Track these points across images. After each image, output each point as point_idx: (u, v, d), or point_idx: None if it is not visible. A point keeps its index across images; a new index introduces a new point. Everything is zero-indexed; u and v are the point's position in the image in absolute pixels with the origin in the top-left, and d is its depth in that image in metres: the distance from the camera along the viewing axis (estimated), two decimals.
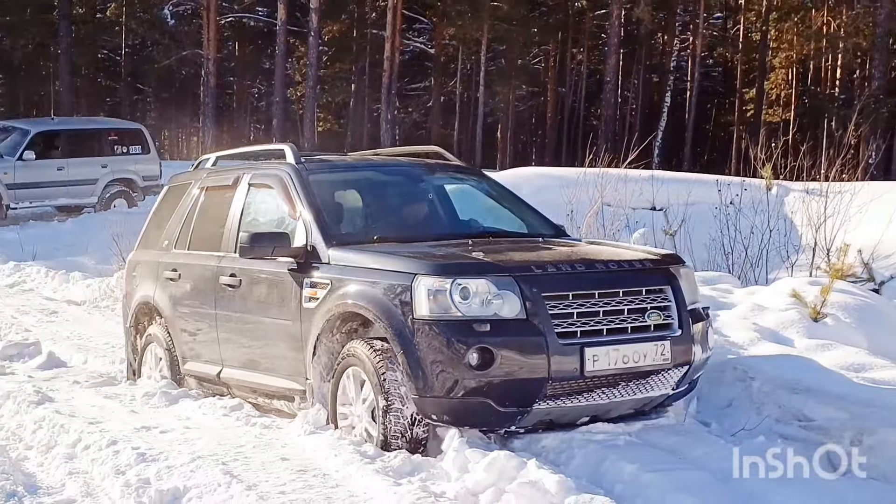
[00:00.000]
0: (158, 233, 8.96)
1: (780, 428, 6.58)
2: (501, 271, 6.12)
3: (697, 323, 6.52)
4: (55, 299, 14.62)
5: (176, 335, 8.40)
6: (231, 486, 5.68)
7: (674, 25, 44.21)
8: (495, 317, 5.97)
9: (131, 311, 9.06)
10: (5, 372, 9.58)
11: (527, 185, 16.42)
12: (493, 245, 7.02)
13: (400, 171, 8.25)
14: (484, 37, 39.34)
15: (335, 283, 6.64)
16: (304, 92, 37.89)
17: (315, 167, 7.70)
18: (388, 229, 7.30)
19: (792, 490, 5.52)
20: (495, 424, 6.13)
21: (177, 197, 8.91)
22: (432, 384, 5.99)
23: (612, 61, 37.33)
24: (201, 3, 36.75)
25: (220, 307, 7.77)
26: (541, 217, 8.11)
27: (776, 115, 43.04)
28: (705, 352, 6.63)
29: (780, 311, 8.68)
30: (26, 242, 19.34)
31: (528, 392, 5.98)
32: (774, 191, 14.49)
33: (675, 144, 43.43)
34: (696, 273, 10.94)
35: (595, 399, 6.12)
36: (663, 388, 6.35)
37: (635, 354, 6.15)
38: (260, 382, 7.45)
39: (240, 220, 7.80)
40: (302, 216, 7.15)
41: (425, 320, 6.01)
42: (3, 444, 7.06)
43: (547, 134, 46.54)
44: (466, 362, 5.90)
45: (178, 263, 8.41)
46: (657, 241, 13.60)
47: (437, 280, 6.03)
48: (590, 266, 6.41)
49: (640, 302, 6.29)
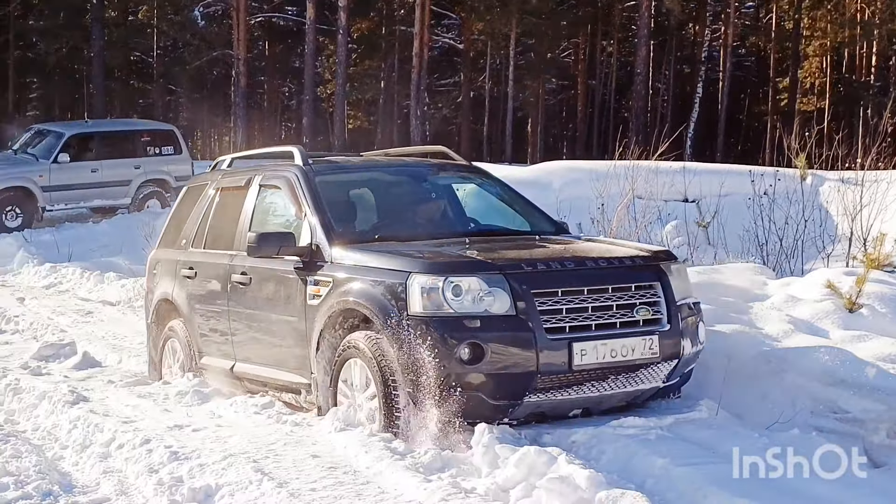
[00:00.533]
0: (177, 232, 9.20)
1: (815, 420, 6.53)
2: (492, 269, 6.33)
3: (687, 318, 6.69)
4: (90, 300, 14.73)
5: (192, 331, 8.64)
6: (262, 483, 5.70)
7: (705, 15, 43.92)
8: (486, 313, 6.18)
9: (152, 308, 9.31)
10: (41, 372, 9.64)
11: (557, 179, 16.41)
12: (489, 243, 7.18)
13: (404, 172, 8.50)
14: (513, 31, 39.27)
15: (337, 281, 6.87)
16: (333, 90, 37.96)
17: (321, 168, 7.96)
18: (390, 228, 7.54)
19: (829, 486, 5.47)
20: (487, 417, 6.25)
21: (194, 197, 9.17)
22: (426, 378, 6.17)
23: (642, 53, 37.14)
24: (231, 3, 36.89)
25: (233, 304, 8.03)
26: (543, 214, 8.32)
27: (810, 104, 42.68)
28: (695, 345, 6.77)
29: (814, 302, 8.59)
30: (62, 244, 19.50)
31: (518, 385, 6.20)
32: (809, 180, 14.38)
33: (708, 135, 43.18)
34: (729, 265, 10.93)
35: (585, 392, 6.33)
36: (653, 381, 6.53)
37: (623, 349, 6.34)
38: (269, 376, 7.70)
39: (251, 220, 8.04)
40: (307, 216, 7.39)
41: (419, 316, 6.23)
42: (40, 444, 7.13)
43: (577, 127, 46.40)
44: (458, 357, 6.11)
45: (194, 262, 8.67)
46: (690, 233, 13.53)
47: (430, 278, 6.26)
48: (579, 263, 6.63)
49: (630, 298, 6.48)
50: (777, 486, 5.45)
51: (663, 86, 46.13)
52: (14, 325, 12.57)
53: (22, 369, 9.72)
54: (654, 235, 13.43)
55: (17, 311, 13.30)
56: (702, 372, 7.58)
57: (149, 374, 9.40)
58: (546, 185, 16.22)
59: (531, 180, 16.74)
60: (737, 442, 5.91)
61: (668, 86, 45.92)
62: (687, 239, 13.46)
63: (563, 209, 14.03)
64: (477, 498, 5.37)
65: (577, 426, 6.28)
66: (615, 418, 6.33)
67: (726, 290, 9.30)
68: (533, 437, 6.25)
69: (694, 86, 41.46)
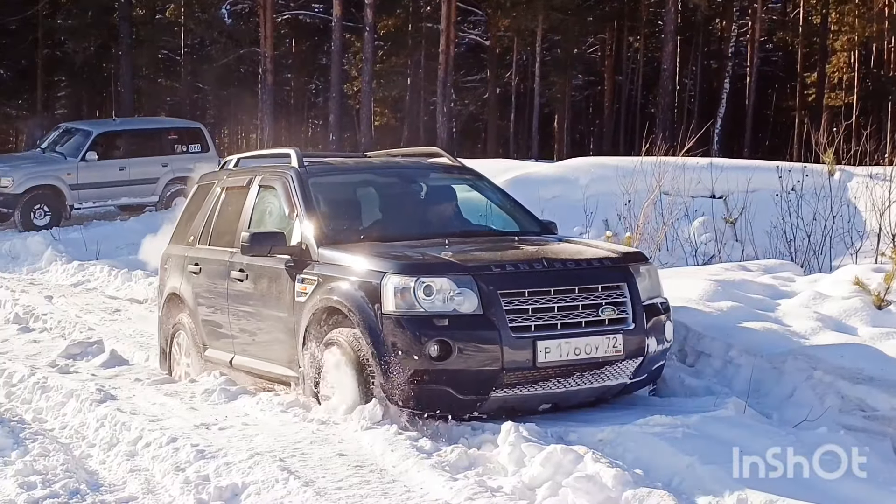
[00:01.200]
0: (187, 228, 9.56)
1: (843, 418, 6.48)
2: (462, 270, 6.67)
3: (654, 317, 6.97)
4: (118, 298, 14.80)
5: (197, 324, 8.99)
6: (288, 482, 5.71)
7: (732, 11, 43.61)
8: (454, 312, 6.53)
9: (163, 301, 9.67)
10: (69, 370, 9.70)
11: (584, 176, 16.35)
12: (467, 244, 7.51)
13: (396, 174, 8.84)
14: (539, 27, 39.11)
15: (321, 279, 7.23)
16: (360, 87, 37.95)
17: (316, 170, 8.30)
18: (375, 229, 7.91)
19: (857, 484, 5.42)
20: (456, 410, 6.61)
21: (203, 195, 9.52)
22: (398, 373, 6.54)
23: (669, 48, 36.92)
24: (258, 1, 36.93)
25: (232, 299, 8.40)
26: (530, 215, 8.63)
27: (838, 99, 42.33)
28: (661, 344, 7.03)
29: (842, 298, 8.52)
30: (90, 242, 19.62)
31: (484, 381, 6.51)
32: (837, 176, 14.29)
33: (735, 131, 42.89)
34: (757, 261, 10.87)
35: (552, 388, 6.65)
36: (620, 377, 6.84)
37: (587, 347, 6.63)
38: (263, 369, 8.09)
39: (250, 220, 8.41)
40: (298, 216, 7.75)
41: (392, 315, 6.59)
42: (67, 443, 7.18)
43: (604, 123, 46.21)
44: (427, 354, 6.46)
45: (199, 258, 9.03)
46: (717, 230, 13.48)
47: (403, 278, 6.61)
48: (548, 265, 6.91)
49: (595, 298, 6.78)
50: (803, 484, 5.42)
51: (690, 81, 45.88)
52: (42, 324, 12.65)
53: (50, 367, 9.79)
54: (681, 232, 13.40)
55: (46, 310, 13.38)
56: (730, 370, 7.56)
57: (160, 365, 9.73)
58: (572, 182, 16.17)
59: (557, 177, 16.71)
60: (764, 440, 5.87)
61: (695, 81, 45.66)
62: (714, 235, 13.42)
63: (589, 205, 14.04)
64: (503, 496, 5.36)
65: (603, 424, 6.27)
66: (641, 416, 6.31)
67: (754, 286, 9.26)
68: (559, 435, 6.25)
69: (721, 81, 41.17)
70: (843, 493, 5.35)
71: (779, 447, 5.72)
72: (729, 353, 7.64)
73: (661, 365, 7.24)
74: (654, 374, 7.20)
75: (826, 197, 12.53)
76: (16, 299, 14.07)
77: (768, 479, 5.42)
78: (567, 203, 14.84)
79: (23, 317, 12.93)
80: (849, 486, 5.40)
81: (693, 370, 7.79)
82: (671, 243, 13.25)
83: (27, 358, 10.43)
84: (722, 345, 7.73)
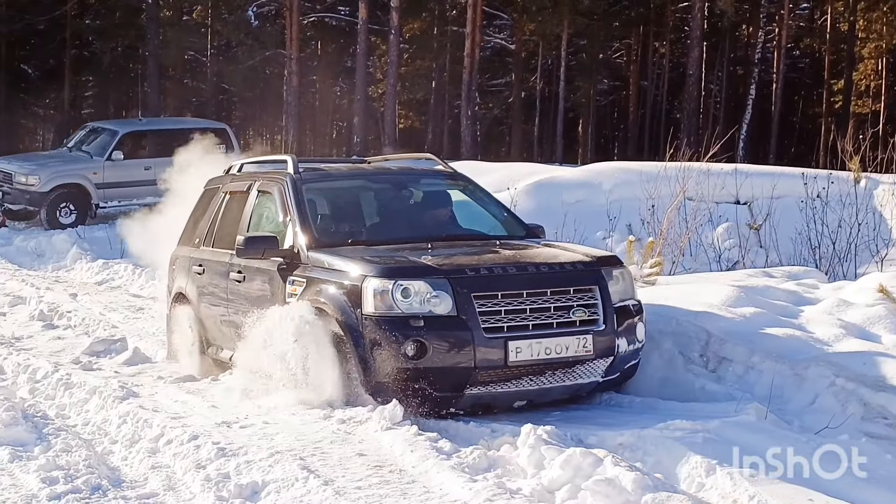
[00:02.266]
0: (193, 231, 10.03)
1: (865, 426, 6.45)
2: (437, 274, 6.99)
3: (625, 318, 7.26)
4: (141, 296, 14.86)
5: (201, 322, 9.36)
6: (308, 480, 5.73)
7: (758, 17, 43.44)
8: (430, 314, 6.86)
9: (170, 300, 10.09)
10: (92, 367, 9.76)
11: (608, 180, 16.30)
12: (448, 248, 7.83)
13: (388, 180, 9.19)
14: (564, 32, 39.05)
15: (309, 281, 7.56)
16: (385, 89, 38.02)
17: (310, 177, 8.67)
18: (363, 233, 8.29)
19: (876, 488, 5.40)
20: (433, 407, 6.94)
21: (209, 199, 9.95)
22: (377, 370, 6.90)
23: (694, 54, 36.80)
24: (284, 3, 37.06)
25: (231, 299, 8.75)
26: (517, 220, 8.97)
27: (865, 107, 42.10)
28: (632, 344, 7.34)
29: (866, 306, 8.48)
30: (114, 240, 19.70)
31: (458, 379, 6.84)
32: (863, 183, 14.23)
33: (761, 137, 42.72)
34: (781, 268, 10.82)
35: (524, 385, 6.97)
36: (591, 376, 7.16)
37: (558, 347, 6.94)
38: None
39: (248, 223, 8.79)
40: (291, 220, 8.11)
41: (372, 316, 6.93)
42: (89, 439, 7.22)
43: (629, 128, 46.10)
44: (404, 353, 6.80)
45: (203, 259, 9.42)
46: (741, 235, 13.43)
47: (382, 281, 6.95)
48: (521, 268, 7.22)
49: (567, 300, 7.08)
50: (825, 488, 5.40)
51: (716, 87, 45.72)
52: (66, 321, 12.72)
53: (73, 364, 9.86)
54: (704, 237, 13.35)
55: (70, 307, 13.45)
56: (751, 376, 7.53)
57: (167, 359, 10.08)
58: (596, 187, 16.13)
59: (582, 181, 16.67)
60: (784, 446, 5.85)
61: (721, 87, 45.49)
62: (738, 241, 13.37)
63: (613, 210, 14.02)
64: (522, 499, 5.36)
65: (623, 428, 6.26)
66: (662, 420, 6.29)
67: (777, 293, 9.23)
68: (579, 438, 6.24)
69: (747, 87, 41.04)
70: (859, 498, 5.32)
71: (779, 447, 5.74)
72: (751, 359, 7.61)
73: (634, 364, 7.55)
74: (627, 372, 7.52)
75: (851, 204, 12.48)
76: (41, 296, 14.15)
77: (788, 484, 5.40)
78: (591, 208, 14.82)
79: (47, 314, 13.00)
80: (870, 490, 5.37)
81: (714, 375, 7.77)
82: (695, 249, 13.21)
83: (51, 354, 10.50)
84: (744, 350, 7.71)
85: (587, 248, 8.80)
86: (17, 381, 9.05)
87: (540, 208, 14.47)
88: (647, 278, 10.19)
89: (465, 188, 9.14)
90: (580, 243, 10.89)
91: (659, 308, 8.51)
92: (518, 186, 15.49)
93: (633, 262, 10.54)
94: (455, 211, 8.92)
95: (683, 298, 8.86)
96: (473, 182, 9.36)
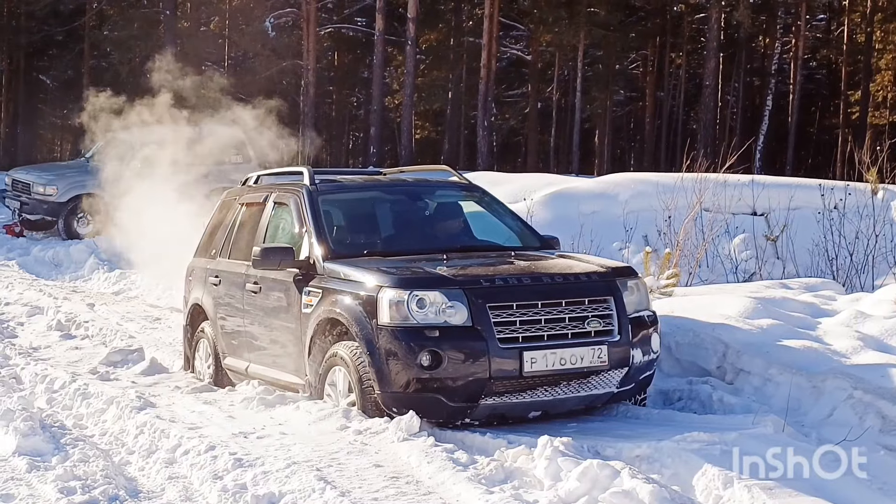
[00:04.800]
0: (210, 242, 10.02)
1: (883, 439, 6.43)
2: (453, 284, 7.01)
3: (640, 329, 7.24)
4: (158, 306, 14.89)
5: (217, 333, 9.44)
6: (325, 492, 5.73)
7: (775, 28, 43.38)
8: (445, 324, 6.87)
9: (187, 311, 10.15)
10: (109, 378, 9.79)
11: (624, 191, 16.27)
12: (463, 259, 7.86)
13: (404, 191, 9.21)
14: (581, 42, 39.08)
15: (325, 291, 7.59)
16: (401, 100, 38.12)
17: (326, 188, 8.68)
18: (379, 244, 8.36)
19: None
20: (448, 417, 6.95)
21: (225, 210, 10.01)
22: (392, 381, 6.91)
23: (711, 65, 36.78)
24: (301, 14, 37.21)
25: (247, 310, 8.81)
26: (532, 231, 8.99)
27: (882, 118, 41.97)
28: (647, 355, 7.31)
29: (884, 318, 8.46)
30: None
31: (473, 389, 6.83)
32: (880, 195, 14.17)
33: (778, 148, 42.64)
34: (798, 279, 10.80)
35: (540, 396, 6.96)
36: (607, 387, 7.13)
37: (573, 357, 6.93)
38: (273, 377, 8.45)
39: (265, 234, 8.81)
40: (307, 231, 8.13)
41: (387, 326, 6.94)
42: (107, 449, 7.23)
43: (645, 139, 46.06)
44: (419, 363, 6.80)
45: (219, 270, 9.49)
46: (758, 247, 13.39)
47: (397, 292, 6.95)
48: (536, 279, 7.24)
49: (582, 311, 7.09)
50: (846, 498, 5.38)
51: (732, 98, 45.65)
52: (84, 331, 12.76)
53: (91, 374, 9.90)
54: (721, 249, 13.32)
55: (87, 317, 13.50)
56: (769, 388, 7.51)
57: (184, 369, 10.21)
58: (613, 197, 16.10)
59: (598, 192, 16.64)
60: (801, 458, 5.83)
61: (738, 98, 45.43)
62: (755, 252, 13.33)
63: (629, 221, 13.99)
64: None
65: (640, 440, 6.25)
66: (679, 433, 6.28)
67: (794, 305, 9.21)
68: (596, 450, 6.23)
69: (763, 98, 40.96)
70: None
71: (779, 447, 5.73)
72: (768, 371, 7.60)
73: (650, 375, 7.52)
74: (642, 383, 7.47)
75: (869, 216, 12.44)
76: (58, 306, 14.21)
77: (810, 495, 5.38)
78: (607, 218, 14.80)
79: (65, 324, 13.05)
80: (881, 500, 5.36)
81: (732, 387, 7.75)
82: (711, 260, 13.18)
83: (68, 365, 10.54)
84: (761, 362, 7.69)
85: (602, 259, 8.81)
86: (35, 391, 9.08)
87: (556, 219, 14.46)
88: (664, 290, 10.18)
89: (480, 200, 9.19)
90: (596, 254, 10.89)
91: (676, 319, 8.50)
92: (534, 197, 15.48)
93: (650, 273, 10.53)
94: (470, 222, 8.95)
95: (700, 310, 8.85)
96: (489, 193, 9.39)
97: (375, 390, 6.99)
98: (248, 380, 8.77)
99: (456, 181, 9.43)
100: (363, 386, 7.08)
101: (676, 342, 8.27)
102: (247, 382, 8.73)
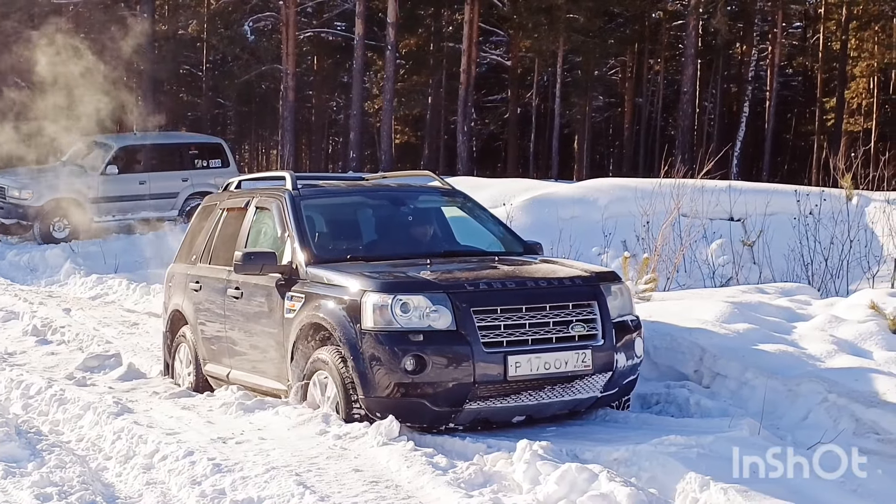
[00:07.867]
0: (190, 248, 9.98)
1: (857, 441, 6.48)
2: (437, 288, 6.98)
3: (624, 334, 7.25)
4: (136, 311, 14.84)
5: (197, 339, 9.38)
6: (304, 497, 5.73)
7: (752, 35, 43.63)
8: (429, 328, 6.85)
9: (167, 317, 10.08)
10: (86, 383, 9.74)
11: (603, 197, 16.36)
12: (447, 264, 7.78)
13: (387, 196, 9.16)
14: (560, 49, 39.16)
15: (308, 296, 7.56)
16: (381, 105, 38.10)
17: (308, 193, 8.66)
18: (362, 249, 8.31)
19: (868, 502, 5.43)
20: (432, 422, 6.93)
21: (206, 216, 9.96)
22: (376, 386, 6.87)
23: (689, 72, 36.95)
24: (280, 19, 37.16)
25: (228, 316, 8.77)
26: (515, 236, 9.00)
27: (857, 125, 42.27)
28: (631, 359, 7.31)
29: (858, 322, 8.53)
30: (108, 255, 19.70)
31: (458, 394, 6.81)
32: (855, 201, 14.30)
33: (754, 154, 42.86)
34: (774, 284, 10.86)
35: (524, 400, 6.94)
36: (590, 391, 7.12)
37: (557, 361, 6.92)
38: (255, 383, 8.41)
39: (246, 239, 8.76)
40: (290, 236, 8.09)
41: (371, 330, 6.91)
42: (84, 455, 7.20)
43: (624, 145, 46.22)
44: (403, 367, 6.78)
45: (199, 276, 9.44)
46: (735, 252, 13.47)
47: (381, 296, 6.92)
48: (520, 283, 7.25)
49: (566, 315, 7.07)
50: (821, 500, 5.43)
51: (710, 104, 45.86)
52: (60, 336, 12.69)
53: (67, 380, 9.83)
54: (698, 253, 13.40)
55: (64, 322, 13.43)
56: (745, 391, 7.56)
57: (163, 375, 10.15)
58: (592, 203, 16.18)
59: (577, 197, 16.72)
60: (778, 461, 5.88)
61: (715, 104, 45.63)
62: (732, 257, 13.41)
63: (608, 226, 14.06)
64: None
65: (618, 444, 6.28)
66: (656, 436, 6.32)
67: (770, 309, 9.27)
68: (574, 453, 6.25)
69: (740, 105, 41.16)
70: None
71: (779, 447, 5.76)
72: (744, 375, 7.65)
73: (633, 379, 7.51)
74: (626, 388, 7.46)
75: (843, 221, 12.54)
76: (34, 311, 14.14)
77: (786, 497, 5.42)
78: (586, 224, 14.87)
79: (41, 329, 12.97)
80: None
81: (708, 391, 7.80)
82: (689, 265, 13.25)
83: (45, 370, 10.48)
84: (738, 366, 7.74)
85: (586, 264, 8.85)
86: (11, 397, 9.02)
87: (536, 224, 14.52)
88: (642, 294, 10.23)
89: (462, 205, 9.18)
90: (576, 259, 10.93)
91: (653, 324, 8.55)
92: (514, 202, 15.54)
93: (629, 278, 10.57)
94: (453, 227, 8.95)
95: (677, 314, 8.90)
96: (471, 199, 9.40)
97: (359, 395, 6.96)
98: (229, 386, 8.71)
99: (439, 186, 9.43)
100: (346, 391, 7.03)
101: (654, 346, 8.31)
102: (226, 388, 8.72)
